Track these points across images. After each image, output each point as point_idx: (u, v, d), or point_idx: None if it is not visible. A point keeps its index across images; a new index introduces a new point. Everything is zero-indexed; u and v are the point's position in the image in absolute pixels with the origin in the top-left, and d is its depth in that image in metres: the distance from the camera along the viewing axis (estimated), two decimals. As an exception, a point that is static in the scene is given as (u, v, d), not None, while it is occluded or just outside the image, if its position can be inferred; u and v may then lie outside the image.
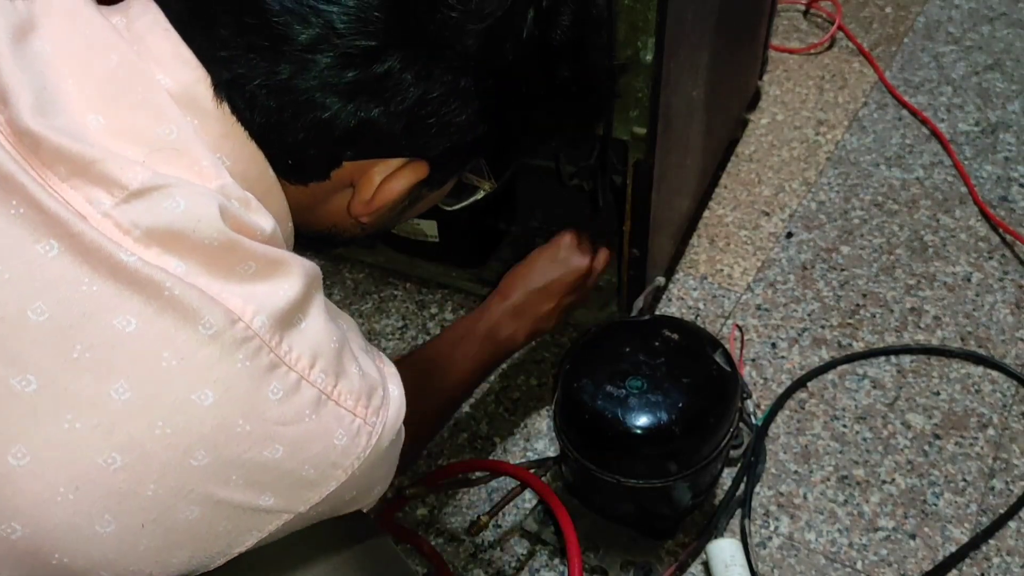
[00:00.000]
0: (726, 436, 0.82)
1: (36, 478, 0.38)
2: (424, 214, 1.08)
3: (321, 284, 0.45)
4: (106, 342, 0.38)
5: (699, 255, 1.18)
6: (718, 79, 1.08)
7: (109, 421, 0.38)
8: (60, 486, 0.38)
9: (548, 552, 0.88)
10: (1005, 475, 0.92)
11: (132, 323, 0.38)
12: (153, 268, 0.39)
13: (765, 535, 0.89)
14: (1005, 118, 1.37)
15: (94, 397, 0.38)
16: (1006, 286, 1.12)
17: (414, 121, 0.45)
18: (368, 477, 0.45)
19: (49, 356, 0.38)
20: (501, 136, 0.50)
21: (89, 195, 0.39)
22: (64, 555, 0.39)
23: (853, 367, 1.03)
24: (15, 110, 0.39)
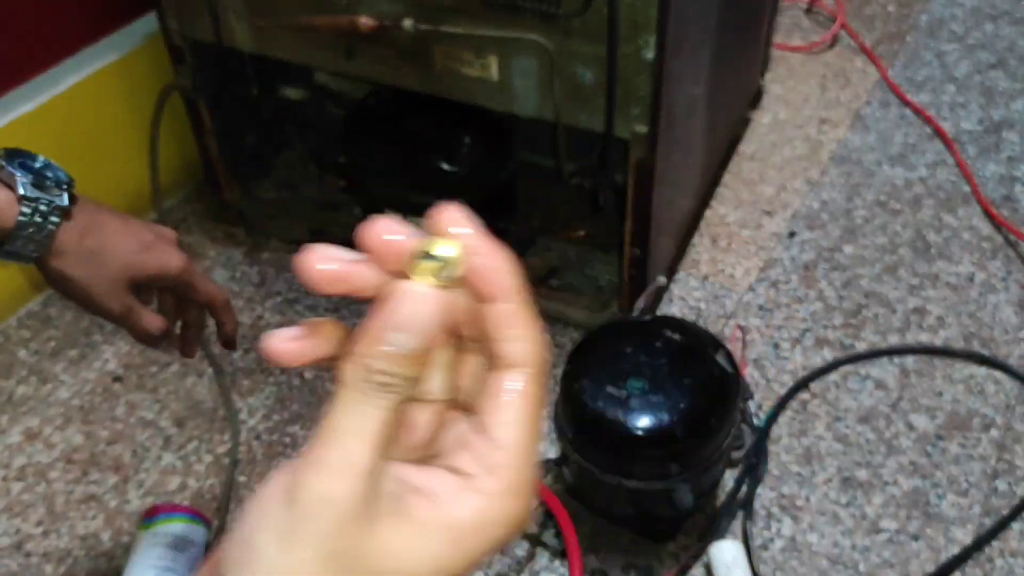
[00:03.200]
0: (728, 437, 0.81)
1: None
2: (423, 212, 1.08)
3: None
4: None
5: (701, 255, 1.17)
6: (720, 77, 1.07)
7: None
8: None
9: (548, 554, 0.87)
10: (1008, 476, 0.92)
11: None
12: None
13: (767, 537, 0.88)
14: (1009, 117, 1.37)
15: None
16: (1010, 286, 1.11)
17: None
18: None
19: None
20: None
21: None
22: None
23: (856, 368, 1.03)
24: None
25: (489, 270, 0.28)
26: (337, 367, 0.29)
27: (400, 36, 0.90)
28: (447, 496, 0.28)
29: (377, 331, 0.27)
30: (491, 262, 0.28)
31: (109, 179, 1.19)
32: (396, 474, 0.28)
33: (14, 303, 1.13)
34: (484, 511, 0.28)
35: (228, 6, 0.97)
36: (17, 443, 0.98)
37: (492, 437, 0.29)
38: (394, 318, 0.27)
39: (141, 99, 1.16)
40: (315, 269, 0.28)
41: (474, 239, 0.28)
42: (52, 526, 0.91)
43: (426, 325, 0.27)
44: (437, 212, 0.28)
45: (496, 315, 0.29)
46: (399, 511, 0.27)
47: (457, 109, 0.95)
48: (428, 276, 0.27)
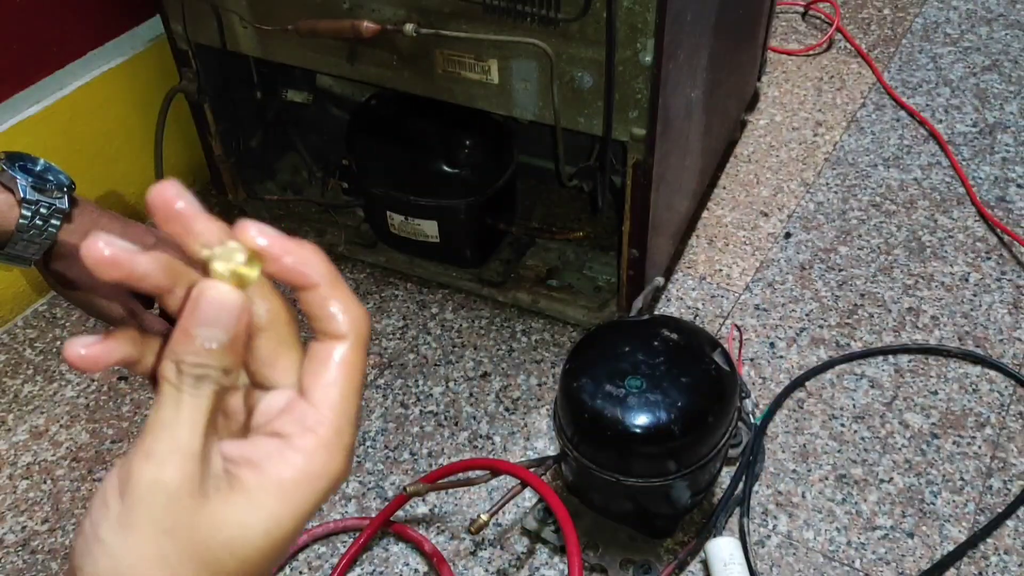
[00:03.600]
0: (725, 435, 0.82)
1: None
2: (424, 214, 1.10)
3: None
4: None
5: (698, 255, 1.18)
6: (717, 80, 1.08)
7: None
8: None
9: (548, 550, 0.88)
10: (1003, 474, 0.93)
11: None
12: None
13: (764, 534, 0.89)
14: (1003, 119, 1.38)
15: None
16: (1003, 286, 1.12)
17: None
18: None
19: None
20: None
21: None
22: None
23: (851, 367, 1.04)
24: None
25: (301, 264, 0.31)
26: (140, 370, 0.33)
27: (402, 40, 0.91)
28: (269, 459, 0.30)
29: (187, 329, 0.29)
30: (301, 257, 0.31)
31: (114, 181, 1.20)
32: (222, 451, 0.31)
33: (20, 303, 1.14)
34: (304, 467, 0.30)
35: (232, 11, 0.98)
36: (23, 441, 0.99)
37: (310, 398, 0.31)
38: (202, 317, 0.29)
39: (146, 102, 1.17)
40: (99, 251, 0.28)
41: (280, 242, 0.30)
42: (58, 524, 0.92)
43: (231, 322, 0.29)
44: (239, 226, 0.31)
45: (315, 299, 0.32)
46: (228, 485, 0.30)
47: (458, 112, 0.96)
48: (227, 279, 0.30)
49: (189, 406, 0.29)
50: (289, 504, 0.30)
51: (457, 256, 1.13)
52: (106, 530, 0.29)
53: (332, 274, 0.32)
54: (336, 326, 0.32)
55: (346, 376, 0.31)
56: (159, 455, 0.29)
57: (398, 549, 0.89)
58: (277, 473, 0.30)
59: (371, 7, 0.90)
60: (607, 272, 1.12)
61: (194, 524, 0.29)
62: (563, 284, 1.12)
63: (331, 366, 0.31)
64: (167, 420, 0.29)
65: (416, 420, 1.00)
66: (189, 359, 0.29)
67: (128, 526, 0.29)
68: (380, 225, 1.13)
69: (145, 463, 0.29)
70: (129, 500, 0.29)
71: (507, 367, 1.05)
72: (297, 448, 0.31)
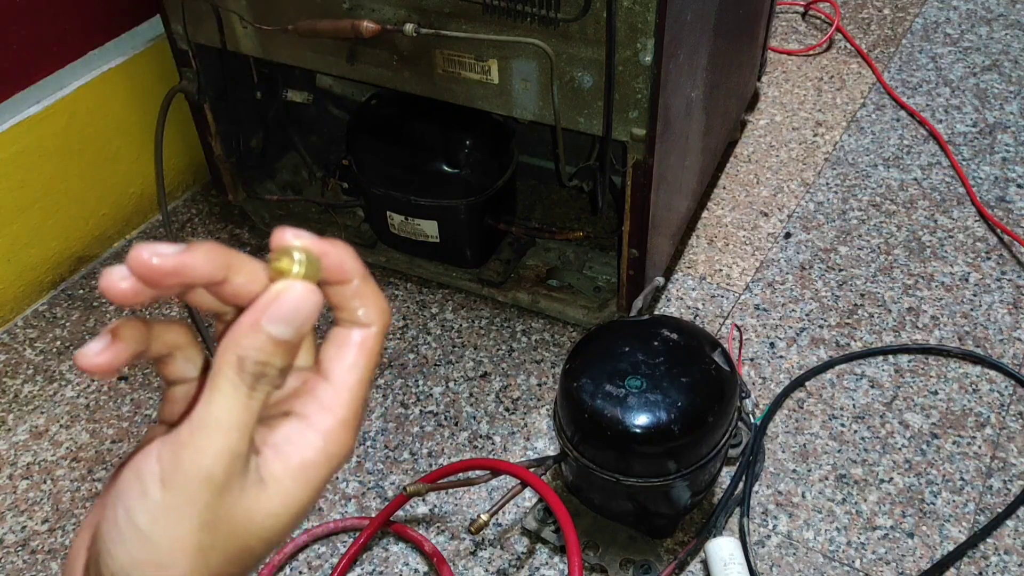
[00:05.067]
0: (725, 435, 0.82)
1: None
2: (424, 214, 1.09)
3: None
4: None
5: (698, 255, 1.18)
6: (717, 80, 1.08)
7: None
8: None
9: (548, 550, 0.88)
10: (1003, 474, 0.93)
11: None
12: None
13: (764, 534, 0.89)
14: (1003, 119, 1.38)
15: None
16: (1003, 286, 1.12)
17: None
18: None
19: None
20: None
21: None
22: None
23: (851, 367, 1.04)
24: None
25: (338, 261, 0.32)
26: (157, 361, 0.34)
27: (402, 40, 0.91)
28: (290, 443, 0.32)
29: (257, 323, 0.30)
30: (337, 255, 0.32)
31: (114, 181, 1.20)
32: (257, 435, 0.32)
33: (20, 303, 1.14)
34: (323, 447, 0.32)
35: (232, 11, 0.98)
36: (23, 441, 1.00)
37: (330, 379, 0.33)
38: (279, 312, 0.30)
39: (146, 102, 1.17)
40: (151, 263, 0.29)
41: (317, 243, 0.31)
42: (58, 524, 0.92)
43: (308, 317, 0.30)
44: (278, 232, 0.31)
45: (347, 292, 0.33)
46: (259, 478, 0.31)
47: (458, 112, 0.96)
48: (298, 275, 0.30)
49: (244, 407, 0.30)
50: (310, 485, 0.32)
51: (457, 256, 1.13)
52: (144, 518, 0.29)
53: (363, 269, 0.33)
54: (363, 315, 0.33)
55: (366, 361, 0.33)
56: (211, 453, 0.29)
57: (398, 549, 0.89)
58: (300, 456, 0.31)
59: (371, 7, 0.90)
60: (607, 272, 1.12)
61: (232, 516, 0.30)
62: (563, 284, 1.12)
63: (353, 349, 0.33)
64: (221, 418, 0.29)
65: (416, 420, 1.00)
66: (254, 355, 0.29)
67: (169, 516, 0.29)
68: (380, 225, 1.13)
69: (196, 458, 0.29)
70: (174, 492, 0.29)
71: (507, 367, 1.05)
72: (316, 428, 0.32)
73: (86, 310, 1.14)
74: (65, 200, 1.15)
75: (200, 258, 0.30)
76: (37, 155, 1.09)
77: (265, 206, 1.23)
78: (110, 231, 1.22)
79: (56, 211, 1.14)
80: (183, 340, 0.34)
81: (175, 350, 0.34)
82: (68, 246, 1.17)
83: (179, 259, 0.29)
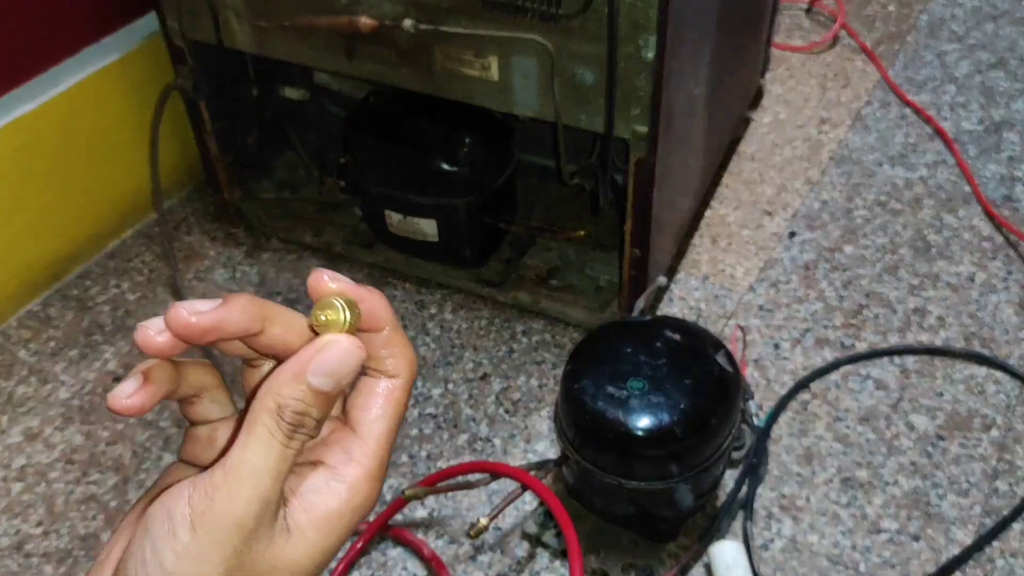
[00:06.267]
0: (728, 437, 0.81)
1: None
2: (423, 213, 1.08)
3: None
4: None
5: (701, 255, 1.17)
6: (720, 77, 1.07)
7: None
8: None
9: (549, 555, 0.87)
10: (1009, 476, 0.91)
11: None
12: None
13: (767, 537, 0.88)
14: (1009, 116, 1.37)
15: None
16: (1010, 286, 1.11)
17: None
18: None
19: None
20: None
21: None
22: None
23: (856, 368, 1.02)
24: None
25: (373, 309, 0.32)
26: (183, 401, 0.34)
27: (400, 36, 0.89)
28: (317, 493, 0.32)
29: (300, 374, 0.30)
30: (372, 302, 0.32)
31: (110, 179, 1.19)
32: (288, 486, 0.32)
33: (14, 303, 1.13)
34: (348, 498, 0.32)
35: (228, 6, 0.97)
36: (17, 443, 0.98)
37: (357, 430, 0.33)
38: (323, 365, 0.30)
39: (141, 99, 1.16)
40: (190, 321, 0.30)
41: (354, 289, 0.32)
42: (52, 526, 0.91)
43: (350, 371, 0.31)
44: (316, 277, 0.32)
45: (377, 340, 0.33)
46: (286, 527, 0.31)
47: (457, 109, 0.95)
48: (339, 329, 0.31)
49: (279, 456, 0.30)
50: (332, 536, 0.32)
51: (456, 256, 1.12)
52: (170, 559, 0.29)
53: (395, 319, 0.33)
54: (389, 366, 0.33)
55: (392, 412, 0.33)
56: (243, 499, 0.29)
57: (396, 553, 0.88)
58: (325, 506, 0.32)
59: (369, 2, 0.89)
60: (608, 272, 1.11)
61: (257, 563, 0.30)
62: (564, 284, 1.11)
63: (380, 401, 0.33)
64: (257, 465, 0.30)
65: (415, 422, 0.99)
66: (293, 405, 0.30)
67: (197, 560, 0.29)
68: (378, 224, 1.12)
69: (228, 503, 0.29)
70: (203, 535, 0.29)
71: (507, 368, 1.04)
72: (342, 479, 0.32)
73: (80, 310, 1.13)
74: (60, 199, 1.14)
75: (237, 313, 0.31)
76: (31, 153, 1.08)
77: (261, 205, 1.22)
78: (105, 230, 1.21)
79: (50, 210, 1.13)
80: (211, 382, 0.35)
81: (202, 391, 0.35)
82: (62, 245, 1.16)
83: (217, 316, 0.30)
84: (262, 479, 0.30)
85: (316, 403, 0.30)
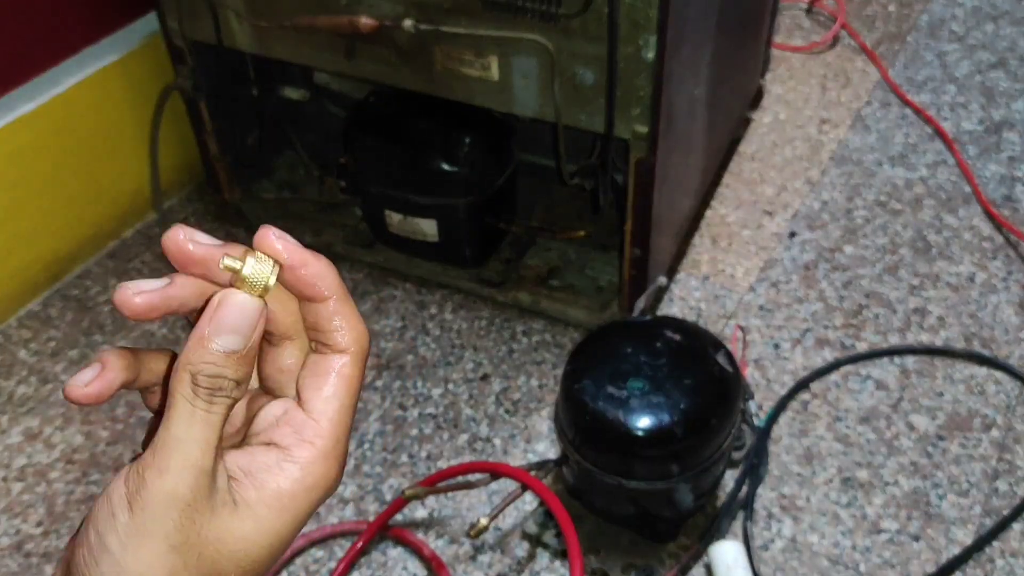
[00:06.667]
0: (728, 437, 0.81)
1: None
2: (423, 213, 1.08)
3: None
4: None
5: (701, 255, 1.17)
6: (720, 77, 1.07)
7: None
8: None
9: (549, 555, 0.87)
10: (1009, 476, 0.91)
11: None
12: None
13: (768, 537, 0.88)
14: (1009, 117, 1.37)
15: None
16: (1010, 286, 1.11)
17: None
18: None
19: None
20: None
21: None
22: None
23: (856, 368, 1.02)
24: None
25: (315, 276, 0.31)
26: (143, 389, 0.33)
27: (400, 36, 0.89)
28: (268, 471, 0.31)
29: (203, 337, 0.29)
30: (315, 269, 0.31)
31: (110, 179, 1.19)
32: (224, 462, 0.31)
33: (14, 304, 1.13)
34: (301, 479, 0.31)
35: (228, 6, 0.97)
36: (17, 443, 0.98)
37: (309, 410, 0.32)
38: (221, 324, 0.29)
39: (141, 99, 1.16)
40: (134, 302, 0.29)
41: (297, 252, 0.31)
42: (52, 527, 0.91)
43: (250, 328, 0.30)
44: (260, 232, 0.31)
45: (323, 311, 0.32)
46: (231, 500, 0.30)
47: (457, 109, 0.95)
48: (247, 287, 0.30)
49: (202, 422, 0.29)
50: (286, 515, 0.31)
51: (456, 256, 1.12)
52: (113, 541, 0.29)
53: (342, 289, 0.32)
54: (338, 340, 0.32)
55: (345, 390, 0.32)
56: (173, 470, 0.29)
57: (396, 553, 0.88)
58: (276, 485, 0.31)
59: (369, 3, 0.89)
60: (609, 272, 1.11)
61: (202, 539, 0.29)
62: (564, 284, 1.11)
63: (331, 379, 0.32)
64: (181, 436, 0.29)
65: (415, 422, 0.99)
66: (205, 369, 0.29)
67: (138, 539, 0.29)
68: (378, 224, 1.12)
69: (159, 478, 0.29)
70: (140, 513, 0.29)
71: (507, 368, 1.04)
72: (294, 459, 0.31)
73: (80, 310, 1.13)
74: (59, 199, 1.14)
75: (180, 291, 0.30)
76: (31, 154, 1.08)
77: (261, 205, 1.22)
78: (105, 230, 1.21)
79: (50, 210, 1.13)
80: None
81: (162, 380, 0.33)
82: (62, 245, 1.16)
83: (158, 296, 0.30)
84: (189, 449, 0.29)
85: (228, 364, 0.29)
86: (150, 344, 1.08)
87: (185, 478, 0.29)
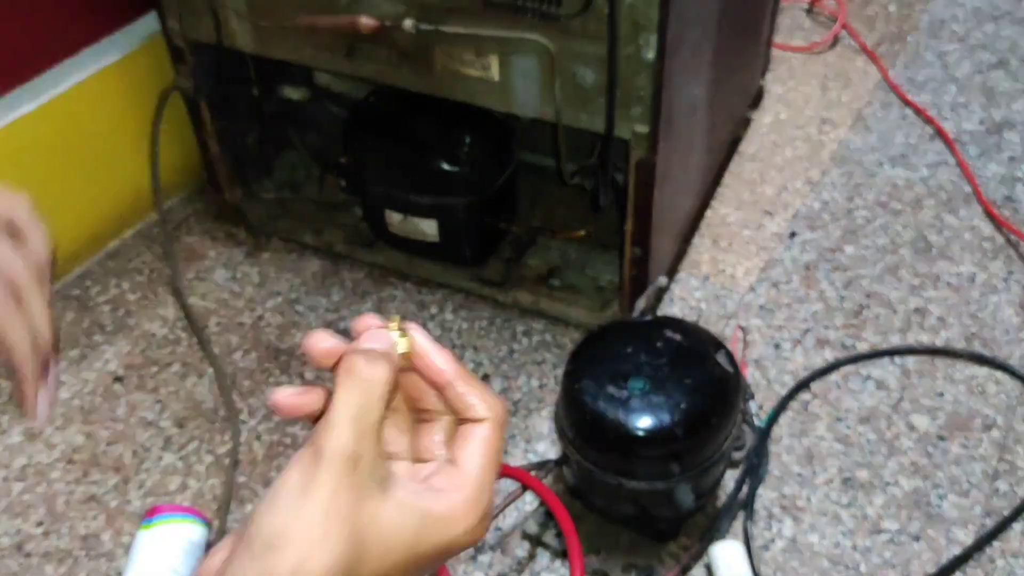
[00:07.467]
0: (728, 438, 0.81)
1: None
2: (423, 212, 1.08)
3: None
4: None
5: (701, 255, 1.17)
6: (721, 77, 1.07)
7: None
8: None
9: (549, 555, 0.87)
10: (1010, 477, 0.91)
11: None
12: None
13: (768, 537, 0.88)
14: (1010, 117, 1.37)
15: None
16: (1011, 286, 1.11)
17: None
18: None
19: None
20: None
21: None
22: None
23: (857, 368, 1.02)
24: None
25: (431, 367, 0.39)
26: (312, 417, 0.39)
27: (401, 36, 0.89)
28: (425, 491, 0.37)
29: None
30: (431, 362, 0.39)
31: (110, 179, 1.19)
32: (395, 468, 0.38)
33: (15, 303, 1.13)
34: (451, 509, 0.37)
35: (229, 6, 0.97)
36: (18, 443, 0.98)
37: (459, 466, 0.38)
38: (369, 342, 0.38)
39: (142, 99, 1.16)
40: (321, 345, 0.37)
41: (421, 341, 0.39)
42: (53, 526, 0.91)
43: (388, 344, 0.38)
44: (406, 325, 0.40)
45: (451, 395, 0.40)
46: (390, 489, 0.35)
47: (458, 109, 0.95)
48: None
49: (359, 396, 0.36)
50: (425, 535, 0.36)
51: (457, 255, 1.12)
52: (290, 480, 0.34)
53: (461, 372, 0.40)
54: (475, 413, 0.39)
55: (485, 449, 0.39)
56: (344, 434, 0.34)
57: None
58: (428, 502, 0.36)
59: (370, 2, 0.89)
60: (609, 272, 1.11)
61: (360, 508, 0.34)
62: (564, 284, 1.11)
63: (473, 442, 0.39)
64: (343, 409, 0.35)
65: (415, 422, 0.99)
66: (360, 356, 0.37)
67: (310, 485, 0.33)
68: (378, 224, 1.12)
69: (330, 438, 0.34)
70: (318, 461, 0.34)
71: (508, 368, 1.04)
72: (448, 497, 0.37)
73: (80, 310, 1.13)
74: (60, 199, 1.14)
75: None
76: (31, 154, 1.08)
77: (262, 204, 1.22)
78: (105, 230, 1.21)
79: (50, 211, 1.11)
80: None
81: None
82: (63, 246, 1.15)
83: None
84: (367, 415, 0.35)
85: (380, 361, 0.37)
86: (150, 344, 1.08)
87: (351, 436, 0.34)
